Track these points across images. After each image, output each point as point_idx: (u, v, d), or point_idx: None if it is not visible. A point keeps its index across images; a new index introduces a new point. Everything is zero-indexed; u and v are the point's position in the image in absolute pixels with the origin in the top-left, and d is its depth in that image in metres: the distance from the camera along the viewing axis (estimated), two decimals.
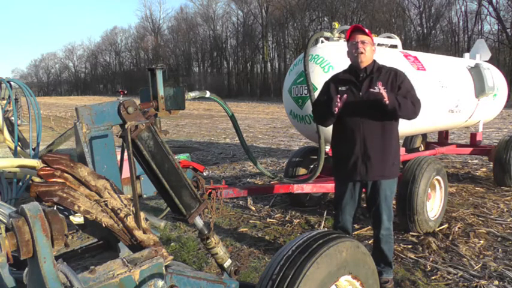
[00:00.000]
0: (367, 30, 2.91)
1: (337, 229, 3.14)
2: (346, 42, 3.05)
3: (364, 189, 3.11)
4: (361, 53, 2.85)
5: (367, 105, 2.85)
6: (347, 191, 3.07)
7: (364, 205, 3.28)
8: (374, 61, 2.98)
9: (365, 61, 2.89)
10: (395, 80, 2.92)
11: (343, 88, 2.94)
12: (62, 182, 1.47)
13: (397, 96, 2.81)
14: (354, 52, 2.89)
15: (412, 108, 2.85)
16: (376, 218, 3.06)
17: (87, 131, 1.90)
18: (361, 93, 2.90)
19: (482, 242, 3.93)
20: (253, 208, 5.27)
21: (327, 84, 3.13)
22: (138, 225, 1.61)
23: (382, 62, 3.71)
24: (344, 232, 2.98)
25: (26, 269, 1.34)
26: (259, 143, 11.43)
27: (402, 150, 5.19)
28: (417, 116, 2.96)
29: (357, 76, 2.95)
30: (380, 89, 2.67)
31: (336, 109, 2.79)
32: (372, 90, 2.77)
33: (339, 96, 2.79)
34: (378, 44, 5.01)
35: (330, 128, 3.19)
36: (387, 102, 2.68)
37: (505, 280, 3.17)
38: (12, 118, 2.92)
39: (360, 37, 2.87)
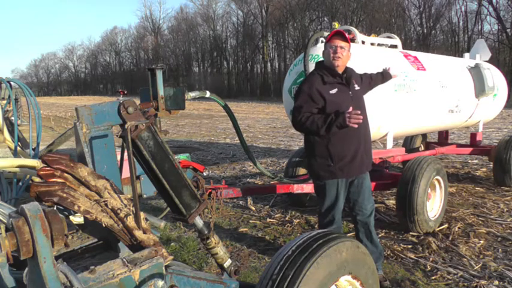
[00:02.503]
0: (348, 37, 2.99)
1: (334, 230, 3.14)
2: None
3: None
4: (339, 57, 2.94)
5: (357, 102, 3.03)
6: (343, 190, 3.08)
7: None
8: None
9: (341, 66, 2.99)
10: (358, 76, 3.25)
11: (334, 91, 2.96)
12: (62, 182, 1.47)
13: (377, 75, 3.48)
14: (331, 55, 2.96)
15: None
16: (363, 208, 3.13)
17: (87, 131, 1.90)
18: (350, 93, 3.02)
19: (482, 242, 3.93)
20: (253, 208, 5.27)
21: (311, 88, 2.96)
22: (138, 225, 1.61)
23: (382, 62, 3.72)
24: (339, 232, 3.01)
25: (26, 269, 1.34)
26: (259, 143, 11.43)
27: (402, 150, 5.19)
28: None
29: (340, 77, 3.03)
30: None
31: (356, 126, 2.78)
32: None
33: (353, 111, 2.77)
34: (378, 44, 5.01)
35: None
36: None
37: (505, 280, 3.17)
38: (12, 118, 2.92)
39: (340, 42, 2.94)
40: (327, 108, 2.92)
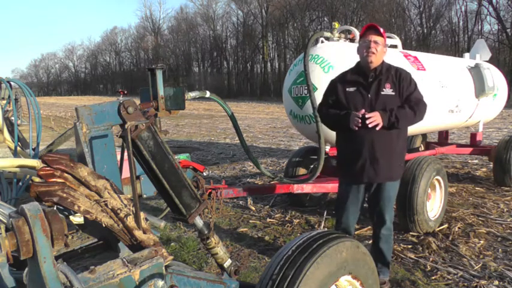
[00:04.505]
0: (381, 30, 2.85)
1: (339, 231, 3.11)
2: (346, 42, 3.05)
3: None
4: (373, 53, 2.79)
5: (376, 107, 2.80)
6: (351, 193, 3.04)
7: (365, 205, 3.25)
8: (383, 61, 2.93)
9: (375, 62, 2.83)
10: (402, 81, 2.90)
11: (351, 89, 2.90)
12: (62, 182, 1.47)
13: (395, 110, 2.79)
14: (364, 51, 2.83)
15: (412, 117, 2.85)
16: (378, 218, 3.05)
17: (87, 131, 1.90)
18: (369, 95, 2.85)
19: (482, 242, 3.93)
20: (253, 208, 5.27)
21: (333, 84, 3.04)
22: (138, 225, 1.61)
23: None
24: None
25: (26, 269, 1.34)
26: (259, 143, 11.43)
27: None
28: (422, 119, 2.97)
29: (365, 77, 2.89)
30: (371, 117, 2.71)
31: (356, 128, 2.75)
32: (364, 115, 2.77)
33: (359, 114, 2.74)
34: None
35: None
36: (380, 127, 2.73)
37: (505, 280, 3.17)
38: (12, 118, 2.92)
39: (373, 37, 2.80)
40: (340, 104, 2.91)
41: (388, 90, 2.83)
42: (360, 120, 2.74)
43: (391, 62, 3.59)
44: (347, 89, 2.91)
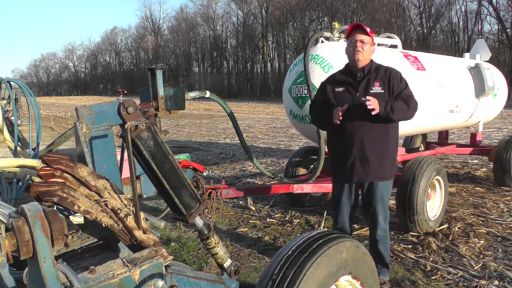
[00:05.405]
0: (368, 30, 2.86)
1: (337, 231, 3.12)
2: (346, 42, 3.06)
3: (360, 190, 3.09)
4: (358, 51, 2.80)
5: (365, 106, 2.79)
6: (344, 192, 3.05)
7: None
8: (371, 61, 2.94)
9: (362, 60, 2.84)
10: (392, 80, 2.89)
11: (340, 89, 2.92)
12: (62, 182, 1.47)
13: (391, 100, 2.79)
14: (351, 50, 2.85)
15: (406, 110, 2.84)
16: (372, 219, 3.04)
17: (87, 131, 1.90)
18: (358, 94, 2.86)
19: (482, 242, 3.93)
20: (253, 208, 5.27)
21: (323, 85, 3.10)
22: (138, 225, 1.61)
23: (382, 62, 3.71)
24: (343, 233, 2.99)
25: (26, 269, 1.34)
26: (259, 143, 11.43)
27: (402, 150, 5.19)
28: (413, 117, 2.96)
29: (353, 77, 2.90)
30: (369, 100, 2.66)
31: (338, 122, 2.78)
32: (362, 99, 2.75)
33: (340, 109, 2.76)
34: (378, 44, 5.01)
35: None
36: (376, 112, 2.68)
37: (505, 280, 3.17)
38: (12, 118, 2.92)
39: (359, 36, 2.82)
40: (329, 105, 2.92)
41: (377, 89, 2.83)
42: (340, 114, 2.75)
43: (391, 62, 3.59)
44: (336, 89, 2.93)
